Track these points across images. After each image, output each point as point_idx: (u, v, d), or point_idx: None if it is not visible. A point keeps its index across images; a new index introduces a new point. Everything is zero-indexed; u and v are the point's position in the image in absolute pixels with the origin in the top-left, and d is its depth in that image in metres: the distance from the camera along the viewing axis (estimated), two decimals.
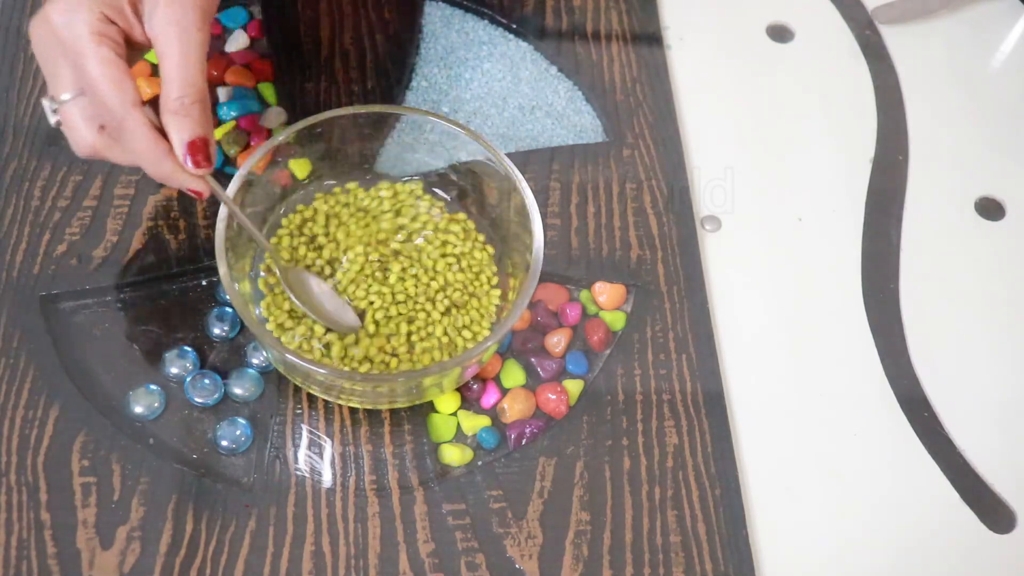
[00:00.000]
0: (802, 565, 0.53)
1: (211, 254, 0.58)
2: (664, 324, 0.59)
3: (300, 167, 0.58)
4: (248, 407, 0.54)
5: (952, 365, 0.60)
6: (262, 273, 0.55)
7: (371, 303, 0.55)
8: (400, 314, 0.54)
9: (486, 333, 0.55)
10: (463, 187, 0.58)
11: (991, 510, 0.55)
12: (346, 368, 0.52)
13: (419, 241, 0.57)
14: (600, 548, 0.52)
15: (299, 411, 0.54)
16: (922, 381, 0.59)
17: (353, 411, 0.54)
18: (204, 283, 0.58)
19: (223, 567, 0.50)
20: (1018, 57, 0.75)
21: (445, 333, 0.54)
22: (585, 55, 0.70)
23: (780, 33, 0.74)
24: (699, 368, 0.57)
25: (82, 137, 0.46)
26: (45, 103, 0.46)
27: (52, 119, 0.46)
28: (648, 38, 0.71)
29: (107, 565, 0.49)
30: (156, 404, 0.53)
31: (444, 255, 0.57)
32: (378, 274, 0.55)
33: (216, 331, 0.56)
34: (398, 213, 0.58)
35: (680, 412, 0.56)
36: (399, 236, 0.57)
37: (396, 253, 0.56)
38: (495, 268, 0.57)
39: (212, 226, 0.59)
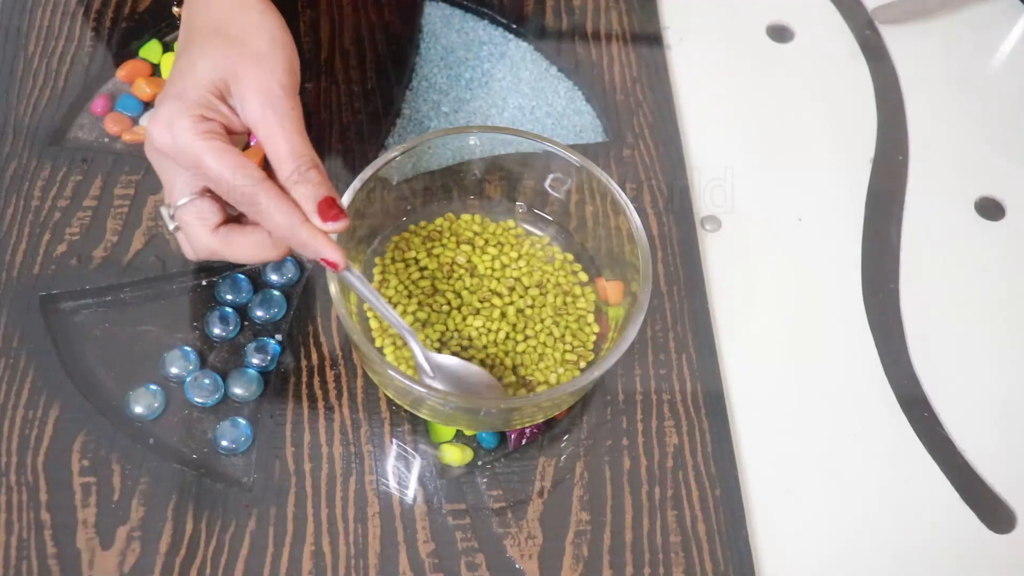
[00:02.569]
0: (802, 565, 0.53)
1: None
2: (664, 324, 0.59)
3: None
4: (248, 407, 0.54)
5: (952, 365, 0.60)
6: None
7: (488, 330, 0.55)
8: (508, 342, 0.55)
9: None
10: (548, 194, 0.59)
11: (991, 510, 0.55)
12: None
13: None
14: (600, 548, 0.52)
15: (299, 411, 0.54)
16: (922, 381, 0.59)
17: (353, 411, 0.54)
18: (204, 283, 0.58)
19: (223, 567, 0.50)
20: (1018, 57, 0.75)
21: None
22: (585, 55, 0.70)
23: (780, 33, 0.74)
24: (699, 368, 0.57)
25: (198, 237, 0.47)
26: (163, 212, 0.48)
27: (171, 226, 0.48)
28: (648, 38, 0.71)
29: (107, 565, 0.49)
30: (156, 404, 0.53)
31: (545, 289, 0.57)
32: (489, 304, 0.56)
33: (216, 331, 0.56)
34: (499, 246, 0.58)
35: (680, 412, 0.56)
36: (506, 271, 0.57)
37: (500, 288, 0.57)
38: (593, 296, 0.57)
39: None
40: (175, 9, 0.52)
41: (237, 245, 0.47)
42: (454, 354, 0.54)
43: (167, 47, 0.67)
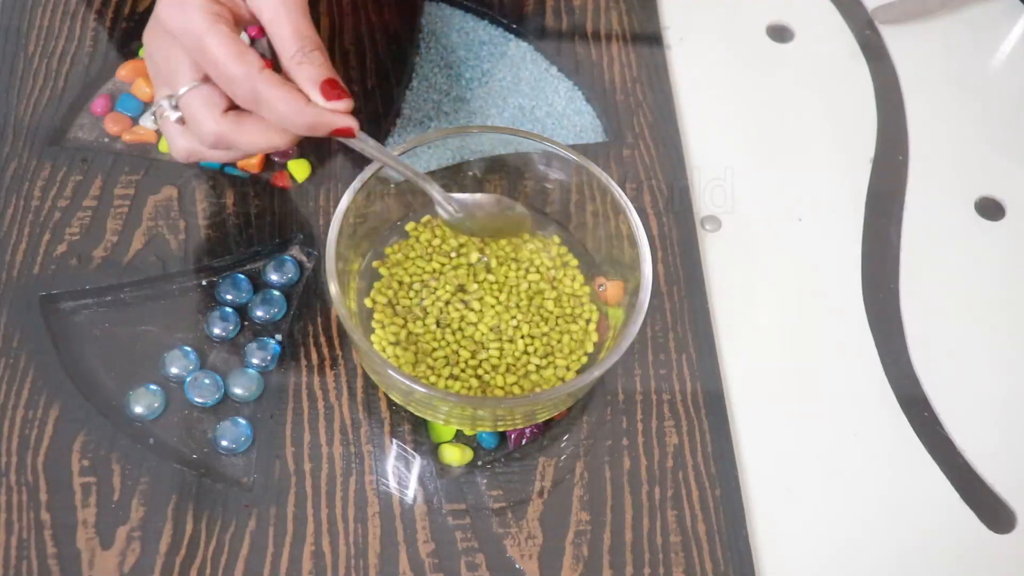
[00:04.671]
0: (802, 565, 0.53)
1: (211, 254, 0.58)
2: (664, 324, 0.59)
3: (299, 168, 0.58)
4: (248, 407, 0.54)
5: (952, 365, 0.60)
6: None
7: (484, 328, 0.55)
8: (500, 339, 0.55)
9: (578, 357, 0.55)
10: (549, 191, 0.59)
11: (991, 510, 0.55)
12: (446, 389, 0.53)
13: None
14: (600, 548, 0.52)
15: (299, 411, 0.54)
16: (922, 381, 0.59)
17: (353, 411, 0.54)
18: (204, 283, 0.58)
19: (223, 567, 0.50)
20: (1018, 57, 0.75)
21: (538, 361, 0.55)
22: (585, 55, 0.70)
23: (780, 33, 0.74)
24: (699, 368, 0.57)
25: (206, 121, 0.46)
26: (163, 103, 0.47)
27: (173, 116, 0.47)
28: (648, 38, 0.71)
29: (107, 565, 0.49)
30: (156, 404, 0.53)
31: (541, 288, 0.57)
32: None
33: (216, 331, 0.56)
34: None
35: (680, 412, 0.56)
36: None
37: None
38: (594, 306, 0.57)
39: (212, 226, 0.59)
40: None
41: (247, 129, 0.46)
42: (454, 352, 0.54)
43: None
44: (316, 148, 0.63)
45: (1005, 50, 0.75)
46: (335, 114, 0.46)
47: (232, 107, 0.47)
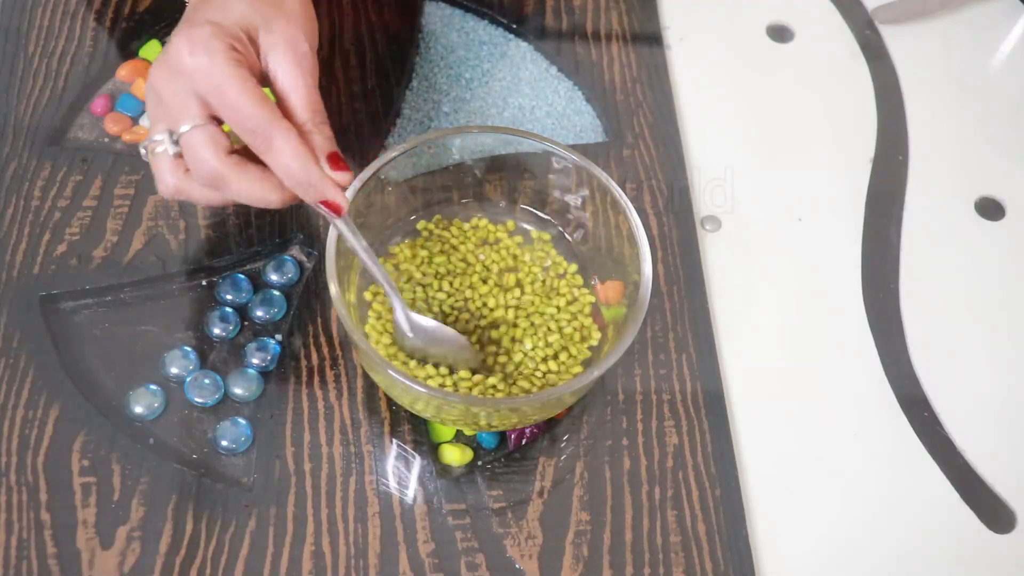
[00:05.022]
0: (802, 565, 0.53)
1: (211, 254, 0.58)
2: (664, 324, 0.59)
3: None
4: (248, 407, 0.54)
5: (952, 365, 0.60)
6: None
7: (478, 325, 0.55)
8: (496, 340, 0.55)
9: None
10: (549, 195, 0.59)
11: (991, 510, 0.55)
12: (449, 389, 0.53)
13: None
14: (600, 548, 0.52)
15: (299, 411, 0.54)
16: (922, 381, 0.59)
17: (353, 411, 0.54)
18: (204, 283, 0.58)
19: (223, 567, 0.50)
20: (1018, 57, 0.75)
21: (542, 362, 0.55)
22: (585, 55, 0.70)
23: (780, 33, 0.74)
24: (699, 368, 0.57)
25: (206, 160, 0.46)
26: (159, 137, 0.47)
27: (171, 150, 0.47)
28: (648, 38, 0.71)
29: (107, 565, 0.49)
30: (156, 404, 0.53)
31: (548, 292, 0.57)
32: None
33: (216, 331, 0.56)
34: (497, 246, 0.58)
35: (680, 412, 0.56)
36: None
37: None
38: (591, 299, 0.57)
39: (212, 226, 0.59)
40: None
41: (247, 175, 0.47)
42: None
43: None
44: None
45: (1005, 50, 0.75)
46: (333, 185, 0.47)
47: (234, 152, 0.48)
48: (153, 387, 0.54)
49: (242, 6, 0.47)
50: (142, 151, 0.49)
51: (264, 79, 0.49)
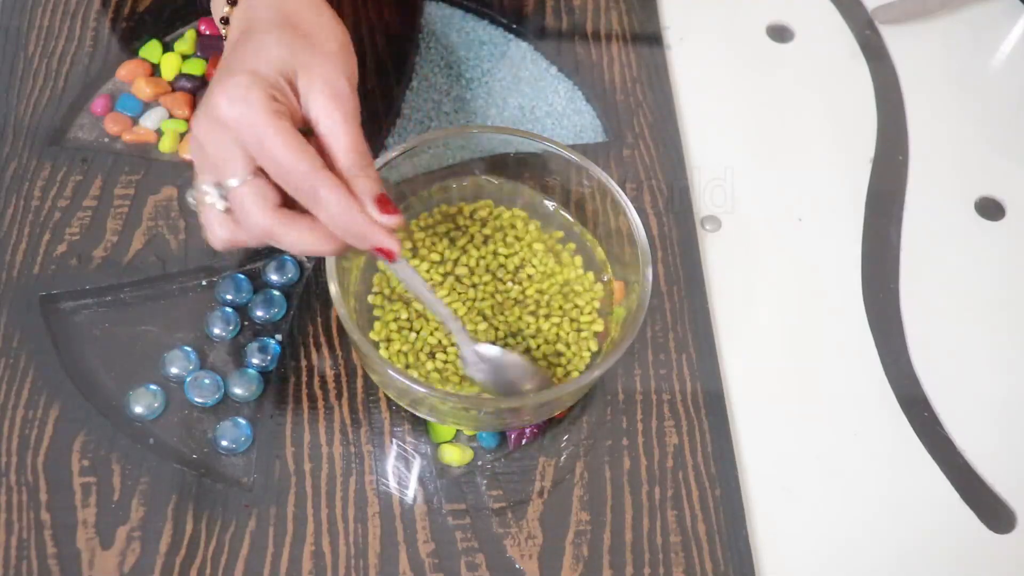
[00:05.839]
0: (802, 565, 0.53)
1: (211, 254, 0.58)
2: (664, 324, 0.59)
3: None
4: (248, 407, 0.54)
5: (952, 365, 0.60)
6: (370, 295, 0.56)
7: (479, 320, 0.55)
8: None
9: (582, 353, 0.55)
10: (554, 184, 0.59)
11: (991, 510, 0.55)
12: (447, 389, 0.53)
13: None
14: (600, 548, 0.52)
15: (299, 411, 0.54)
16: (922, 381, 0.59)
17: (353, 411, 0.54)
18: (204, 283, 0.58)
19: (223, 567, 0.50)
20: (1018, 57, 0.75)
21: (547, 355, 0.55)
22: (585, 55, 0.70)
23: (780, 33, 0.74)
24: (699, 368, 0.57)
25: (255, 215, 0.45)
26: (208, 189, 0.46)
27: (220, 205, 0.46)
28: (648, 38, 0.71)
29: (107, 565, 0.49)
30: (156, 404, 0.53)
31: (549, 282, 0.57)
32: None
33: (216, 331, 0.56)
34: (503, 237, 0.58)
35: (680, 412, 0.56)
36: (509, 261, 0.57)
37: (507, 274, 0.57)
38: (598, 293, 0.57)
39: None
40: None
41: (297, 229, 0.46)
42: (455, 353, 0.54)
43: (167, 47, 0.67)
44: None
45: (1005, 50, 0.75)
46: (383, 231, 0.46)
47: (282, 204, 0.46)
48: (153, 387, 0.54)
49: (279, 49, 0.46)
50: (190, 200, 0.48)
51: (307, 124, 0.47)
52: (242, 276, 0.58)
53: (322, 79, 0.46)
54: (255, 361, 0.55)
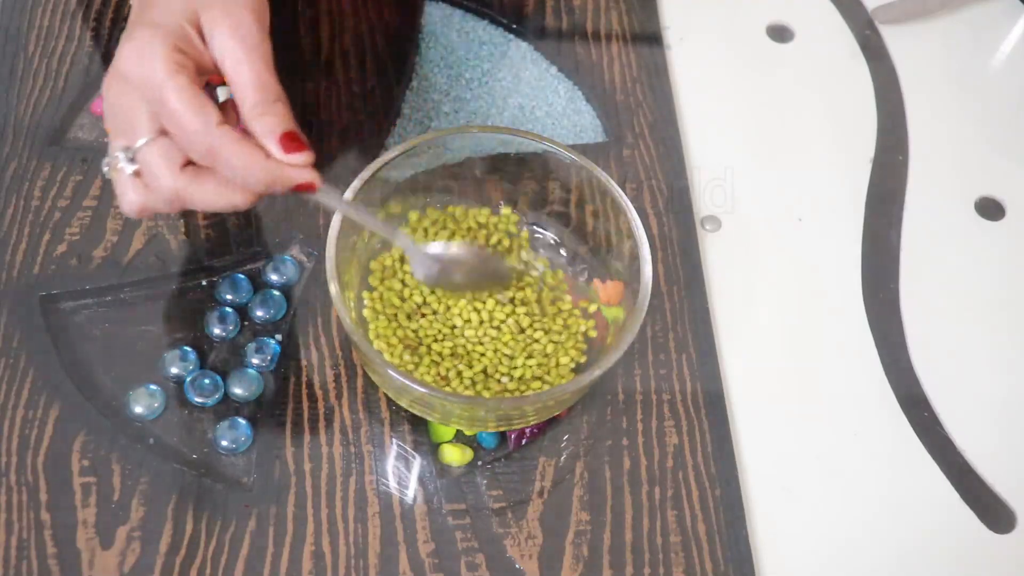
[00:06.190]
0: (802, 565, 0.53)
1: (211, 254, 0.58)
2: (664, 324, 0.59)
3: None
4: (248, 407, 0.54)
5: (952, 365, 0.60)
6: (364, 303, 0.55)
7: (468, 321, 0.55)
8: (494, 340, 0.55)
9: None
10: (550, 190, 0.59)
11: (991, 510, 0.55)
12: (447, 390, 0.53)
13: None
14: (600, 548, 0.52)
15: (299, 411, 0.54)
16: (922, 381, 0.59)
17: (353, 411, 0.54)
18: (204, 283, 0.58)
19: (223, 567, 0.50)
20: (1018, 57, 0.75)
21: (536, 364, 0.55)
22: (585, 55, 0.70)
23: (780, 33, 0.74)
24: (699, 368, 0.57)
25: (163, 177, 0.44)
26: (118, 154, 0.44)
27: (128, 168, 0.44)
28: (648, 38, 0.71)
29: (107, 565, 0.49)
30: (156, 404, 0.53)
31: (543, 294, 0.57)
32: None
33: (216, 331, 0.56)
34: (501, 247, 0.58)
35: (680, 412, 0.56)
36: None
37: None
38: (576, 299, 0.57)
39: (212, 226, 0.59)
40: None
41: (205, 187, 0.44)
42: (452, 352, 0.54)
43: None
44: (316, 148, 0.62)
45: (1005, 50, 0.75)
46: (295, 169, 0.44)
47: (191, 162, 0.44)
48: (153, 387, 0.54)
49: None
50: (104, 169, 0.46)
51: (217, 71, 0.46)
52: (242, 276, 0.58)
53: (223, 12, 0.44)
54: (255, 361, 0.55)
